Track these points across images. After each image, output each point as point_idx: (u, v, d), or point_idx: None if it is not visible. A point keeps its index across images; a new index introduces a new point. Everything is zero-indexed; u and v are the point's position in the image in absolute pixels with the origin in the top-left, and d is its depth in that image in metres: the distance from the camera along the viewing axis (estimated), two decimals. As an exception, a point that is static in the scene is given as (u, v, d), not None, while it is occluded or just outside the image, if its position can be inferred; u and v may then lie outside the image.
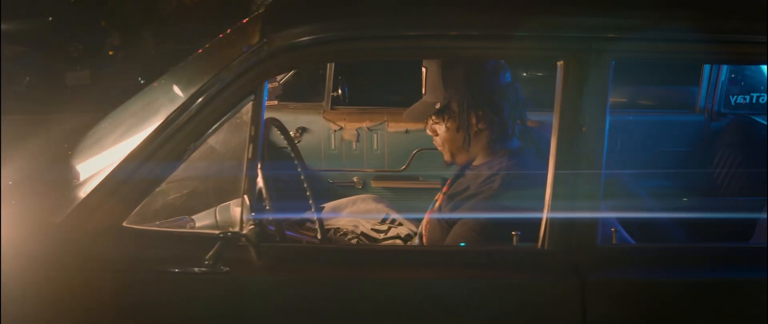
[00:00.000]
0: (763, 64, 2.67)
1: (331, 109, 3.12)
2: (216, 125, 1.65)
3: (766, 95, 3.12)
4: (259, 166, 1.85)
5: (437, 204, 2.12)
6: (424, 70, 2.06)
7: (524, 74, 4.51)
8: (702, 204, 2.59)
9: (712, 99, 3.08)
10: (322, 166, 3.15)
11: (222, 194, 1.86)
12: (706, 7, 1.61)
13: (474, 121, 2.00)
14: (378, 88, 3.66)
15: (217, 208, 2.03)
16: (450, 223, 2.01)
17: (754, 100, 3.12)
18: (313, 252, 1.64)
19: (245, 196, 1.58)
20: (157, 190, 1.71)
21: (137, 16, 10.27)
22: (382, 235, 2.66)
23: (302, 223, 2.76)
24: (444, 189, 2.15)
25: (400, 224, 2.79)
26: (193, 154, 1.67)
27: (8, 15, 7.43)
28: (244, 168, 1.64)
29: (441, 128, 2.06)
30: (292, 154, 2.23)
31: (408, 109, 2.12)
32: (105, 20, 9.08)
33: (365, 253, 1.63)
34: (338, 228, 2.72)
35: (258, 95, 1.63)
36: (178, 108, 1.64)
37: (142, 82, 5.95)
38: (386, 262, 1.59)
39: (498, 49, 1.61)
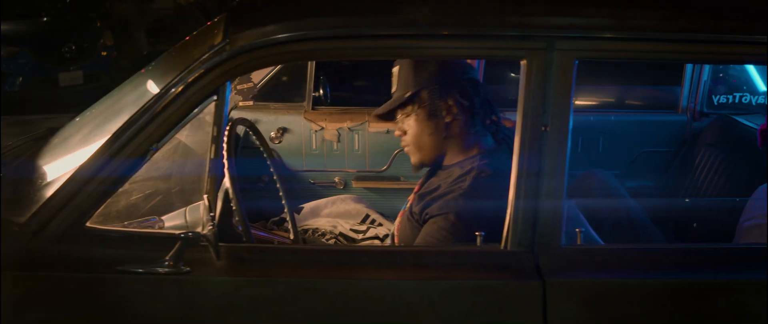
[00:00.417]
0: (726, 63, 2.65)
1: (312, 109, 3.11)
2: (179, 126, 1.64)
3: (749, 95, 3.12)
4: (225, 166, 1.85)
5: (409, 203, 2.11)
6: (396, 68, 2.06)
7: (512, 75, 4.51)
8: (677, 205, 2.57)
9: (694, 99, 3.08)
10: (303, 167, 3.15)
11: (186, 195, 1.85)
12: (670, 6, 1.60)
13: (445, 108, 1.98)
14: (359, 88, 3.66)
15: (188, 208, 2.02)
16: (420, 223, 2.01)
17: (736, 100, 3.11)
18: (274, 253, 1.63)
19: (205, 197, 1.57)
20: (122, 190, 1.71)
21: (133, 17, 10.31)
22: (360, 236, 2.65)
23: (280, 223, 2.76)
24: (416, 188, 2.14)
25: (380, 224, 2.79)
26: (159, 154, 1.67)
27: (3, 15, 7.45)
28: (207, 168, 1.64)
29: (410, 122, 2.04)
30: (265, 155, 2.22)
31: (380, 107, 2.12)
32: (100, 20, 9.10)
33: (327, 254, 1.62)
34: (316, 228, 2.71)
35: (220, 95, 1.63)
36: (140, 109, 1.64)
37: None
38: (347, 263, 1.58)
39: (461, 49, 1.60)
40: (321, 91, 3.12)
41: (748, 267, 1.58)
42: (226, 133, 1.93)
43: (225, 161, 1.87)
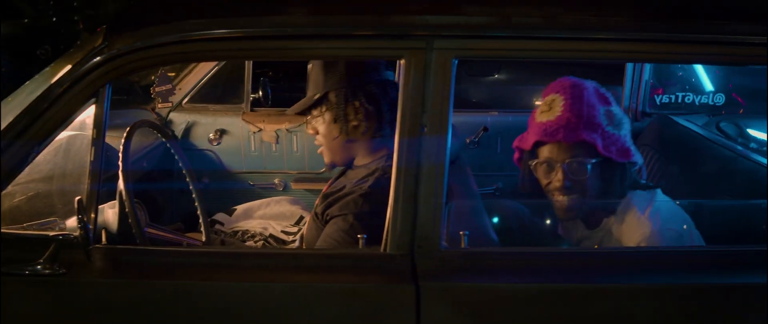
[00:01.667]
0: (613, 61, 2.62)
1: (251, 110, 3.09)
2: (59, 129, 1.62)
3: (692, 94, 3.08)
4: (120, 168, 1.84)
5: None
6: (309, 66, 2.05)
7: (497, 76, 4.48)
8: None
9: (636, 99, 3.04)
10: (242, 168, 3.13)
11: (66, 196, 1.83)
12: (551, 3, 1.57)
13: (351, 112, 1.97)
14: (300, 88, 3.63)
15: None
16: (323, 224, 1.98)
17: (679, 100, 3.08)
18: (150, 255, 1.61)
19: (76, 200, 1.55)
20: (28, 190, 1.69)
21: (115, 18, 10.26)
22: (291, 237, 2.63)
23: (211, 224, 2.74)
24: (324, 189, 2.12)
25: (315, 226, 2.77)
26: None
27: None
28: (87, 170, 1.62)
29: (319, 123, 2.03)
30: (176, 156, 2.20)
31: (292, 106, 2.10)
32: (83, 22, 9.07)
33: (202, 257, 1.60)
34: (247, 230, 2.69)
35: (100, 98, 1.61)
36: (23, 111, 1.62)
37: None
38: (222, 266, 1.56)
39: (340, 49, 1.58)
40: (260, 93, 3.10)
41: (632, 271, 1.55)
42: (126, 135, 1.93)
43: (120, 163, 1.86)
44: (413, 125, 1.54)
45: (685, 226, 1.85)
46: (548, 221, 2.22)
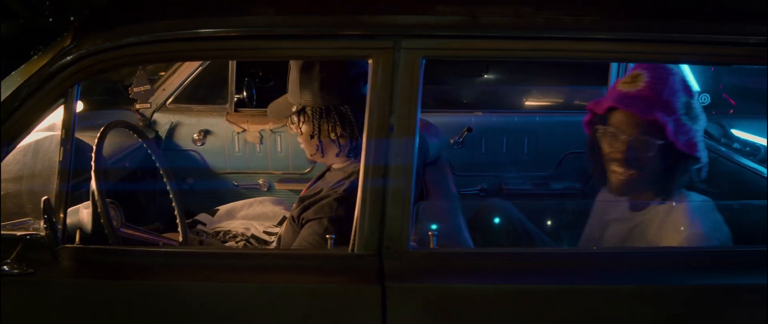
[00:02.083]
0: (585, 60, 2.60)
1: (235, 111, 3.08)
2: (29, 129, 1.62)
3: (677, 95, 3.07)
4: (93, 168, 1.83)
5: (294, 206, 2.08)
6: (290, 68, 2.04)
7: (486, 76, 4.47)
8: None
9: (621, 99, 3.03)
10: (226, 169, 3.12)
11: (34, 197, 1.82)
12: (518, 2, 1.56)
13: (327, 128, 1.97)
14: (283, 90, 3.63)
15: (68, 211, 2.00)
16: (299, 227, 1.98)
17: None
18: (119, 255, 1.60)
19: (45, 199, 1.54)
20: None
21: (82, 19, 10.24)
22: (273, 238, 2.62)
23: (193, 225, 2.73)
24: (302, 192, 2.11)
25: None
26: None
27: (-18, 19, 7.43)
28: (56, 170, 1.61)
29: (300, 128, 2.03)
30: (154, 157, 2.19)
31: (273, 102, 2.10)
32: (78, 22, 9.07)
33: (169, 257, 1.59)
34: (229, 230, 2.69)
35: (68, 99, 1.60)
36: (-9, 113, 1.62)
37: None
38: (189, 266, 1.55)
39: (307, 49, 1.57)
40: (244, 93, 3.09)
41: (601, 272, 1.54)
42: (99, 135, 1.92)
43: (92, 163, 1.85)
44: (381, 126, 1.53)
45: (727, 237, 1.81)
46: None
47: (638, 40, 1.55)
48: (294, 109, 2.01)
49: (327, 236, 1.73)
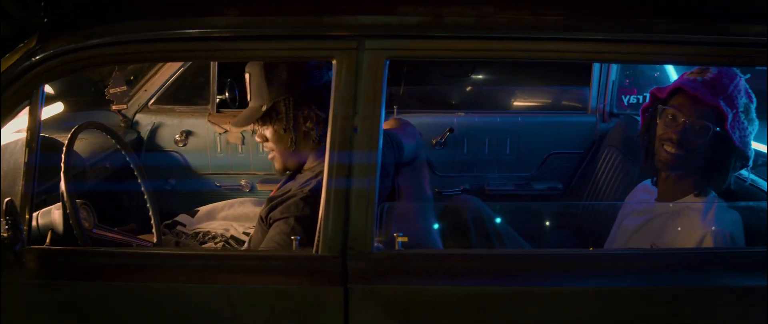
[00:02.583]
0: (548, 60, 2.59)
1: (217, 112, 3.08)
2: (-6, 130, 1.62)
3: (659, 95, 3.06)
4: (62, 169, 1.83)
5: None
6: (247, 75, 2.02)
7: (471, 76, 4.47)
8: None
9: (603, 99, 3.03)
10: (209, 170, 3.12)
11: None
12: (481, 2, 1.55)
13: (301, 119, 1.97)
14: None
15: (40, 212, 1.99)
16: (268, 227, 1.97)
17: (647, 100, 3.06)
18: (83, 256, 1.60)
19: (8, 200, 1.54)
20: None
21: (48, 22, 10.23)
22: (252, 239, 2.62)
23: (173, 226, 2.73)
24: (272, 192, 2.11)
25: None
26: None
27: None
28: (22, 171, 1.61)
29: (269, 132, 2.02)
30: (128, 158, 2.19)
31: (236, 118, 2.09)
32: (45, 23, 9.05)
33: (137, 258, 1.59)
34: (208, 231, 2.68)
35: (34, 100, 1.60)
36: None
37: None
38: (152, 267, 1.55)
39: (271, 50, 1.56)
40: (226, 94, 3.09)
41: (563, 274, 1.54)
42: (69, 136, 1.92)
43: (62, 164, 1.85)
44: (345, 127, 1.53)
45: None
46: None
47: (601, 40, 1.55)
48: (263, 109, 1.99)
49: (293, 236, 1.73)
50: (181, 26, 1.56)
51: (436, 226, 1.89)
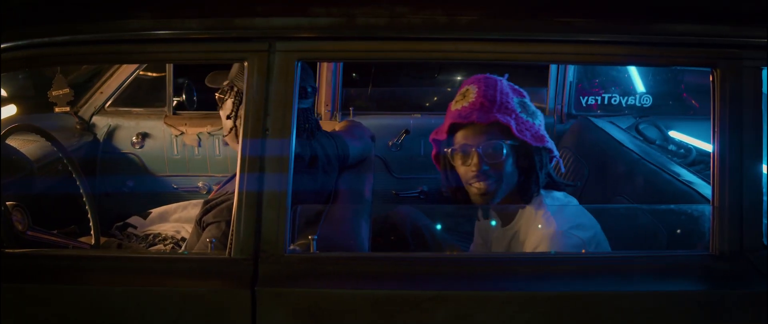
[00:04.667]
0: (461, 60, 2.54)
1: (173, 114, 3.07)
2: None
3: (618, 96, 3.05)
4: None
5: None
6: None
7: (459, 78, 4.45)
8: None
9: (561, 101, 3.01)
10: (166, 172, 3.11)
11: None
12: (394, 3, 1.54)
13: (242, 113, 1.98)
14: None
15: None
16: (202, 230, 1.97)
17: (605, 102, 3.05)
18: (10, 259, 1.59)
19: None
20: None
21: None
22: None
23: (124, 227, 2.72)
24: (210, 195, 2.10)
25: (231, 230, 2.75)
26: None
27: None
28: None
29: (228, 103, 2.09)
30: (65, 160, 2.18)
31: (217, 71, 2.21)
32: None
33: (53, 260, 1.58)
34: (158, 233, 2.68)
35: None
36: None
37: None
38: (65, 269, 1.54)
39: (184, 52, 1.56)
40: (183, 96, 3.08)
41: (474, 278, 1.52)
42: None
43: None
44: (256, 128, 1.52)
45: (590, 234, 1.79)
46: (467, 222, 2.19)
47: (516, 40, 1.54)
48: (226, 82, 2.07)
49: (226, 240, 1.72)
50: (93, 29, 1.55)
51: (365, 229, 1.88)
